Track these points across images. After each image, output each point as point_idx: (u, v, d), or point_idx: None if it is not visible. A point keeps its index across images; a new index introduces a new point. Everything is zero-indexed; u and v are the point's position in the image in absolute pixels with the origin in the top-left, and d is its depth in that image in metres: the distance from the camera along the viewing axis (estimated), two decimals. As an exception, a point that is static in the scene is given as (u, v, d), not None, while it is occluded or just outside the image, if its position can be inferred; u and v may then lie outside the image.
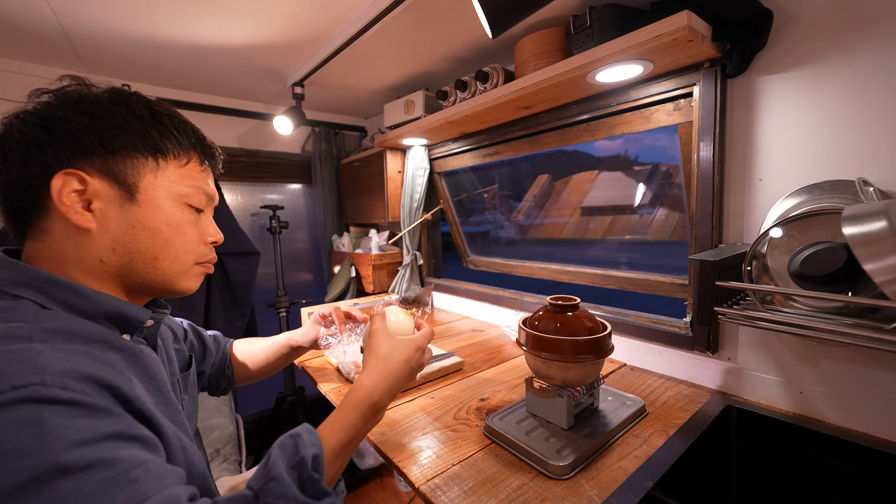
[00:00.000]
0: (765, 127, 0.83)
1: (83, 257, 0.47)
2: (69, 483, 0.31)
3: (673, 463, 0.67)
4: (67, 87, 0.48)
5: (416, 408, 0.89)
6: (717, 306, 0.73)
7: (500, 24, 0.75)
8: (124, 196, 0.48)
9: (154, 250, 0.50)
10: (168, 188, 0.51)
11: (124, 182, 0.48)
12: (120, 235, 0.48)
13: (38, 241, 0.47)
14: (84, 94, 0.47)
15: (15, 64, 1.42)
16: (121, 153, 0.47)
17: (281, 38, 1.27)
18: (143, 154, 0.49)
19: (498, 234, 1.89)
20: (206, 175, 0.56)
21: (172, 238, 0.52)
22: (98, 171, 0.46)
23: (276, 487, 0.43)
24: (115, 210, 0.47)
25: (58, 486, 0.31)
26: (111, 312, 0.48)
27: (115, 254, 0.48)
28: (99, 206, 0.47)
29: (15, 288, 0.43)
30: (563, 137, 1.25)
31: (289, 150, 2.13)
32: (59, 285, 0.45)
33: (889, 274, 0.50)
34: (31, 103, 0.47)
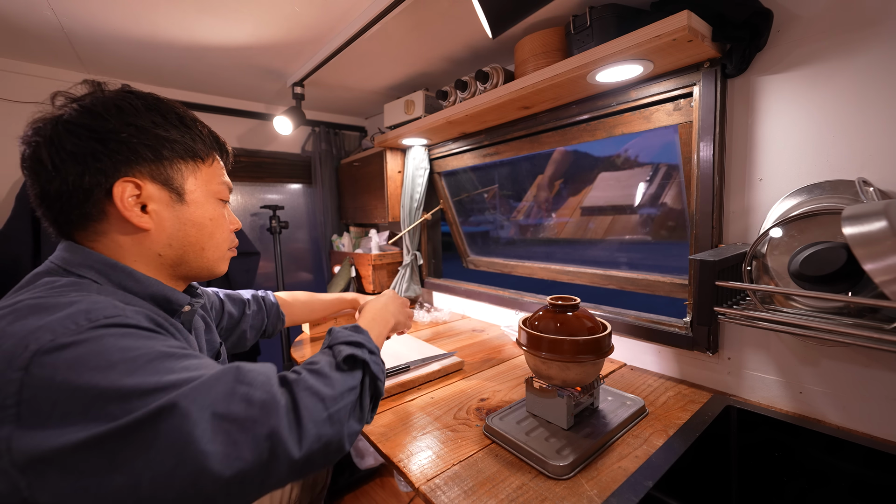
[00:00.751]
0: (765, 127, 0.83)
1: (143, 253, 0.54)
2: (165, 362, 0.43)
3: (673, 463, 0.67)
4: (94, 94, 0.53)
5: (416, 408, 0.89)
6: (717, 306, 0.73)
7: (500, 24, 0.75)
8: (174, 198, 0.55)
9: (202, 242, 0.59)
10: (205, 187, 0.59)
11: (173, 185, 0.55)
12: (174, 232, 0.56)
13: (91, 241, 0.52)
14: (122, 104, 0.52)
15: (15, 64, 1.42)
16: (168, 159, 0.54)
17: (281, 38, 1.27)
18: (184, 159, 0.56)
19: (498, 234, 1.89)
20: (224, 171, 0.64)
21: (214, 230, 0.60)
22: (150, 176, 0.53)
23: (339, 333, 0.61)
24: (168, 211, 0.55)
25: (158, 364, 0.42)
26: (157, 295, 0.54)
27: (172, 248, 0.56)
28: (154, 207, 0.53)
29: (79, 269, 0.50)
30: (563, 137, 1.25)
31: (289, 150, 2.13)
32: (115, 268, 0.52)
33: (889, 274, 0.50)
34: (64, 111, 0.51)
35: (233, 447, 0.40)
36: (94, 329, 0.41)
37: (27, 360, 0.38)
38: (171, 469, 0.38)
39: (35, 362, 0.38)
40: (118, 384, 0.39)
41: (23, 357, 0.38)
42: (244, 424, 0.42)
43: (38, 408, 0.37)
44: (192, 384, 0.41)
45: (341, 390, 0.52)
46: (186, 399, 0.40)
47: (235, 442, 0.41)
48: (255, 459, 0.41)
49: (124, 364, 0.40)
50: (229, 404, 0.42)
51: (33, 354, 0.38)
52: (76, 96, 0.53)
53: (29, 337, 0.39)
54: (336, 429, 0.49)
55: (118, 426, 0.37)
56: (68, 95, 0.53)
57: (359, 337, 0.61)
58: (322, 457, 0.48)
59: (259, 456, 0.42)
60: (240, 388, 0.44)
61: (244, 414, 0.42)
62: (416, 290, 1.86)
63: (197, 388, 0.41)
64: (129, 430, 0.38)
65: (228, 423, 0.41)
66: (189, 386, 0.41)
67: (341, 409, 0.51)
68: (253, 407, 0.43)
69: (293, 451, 0.44)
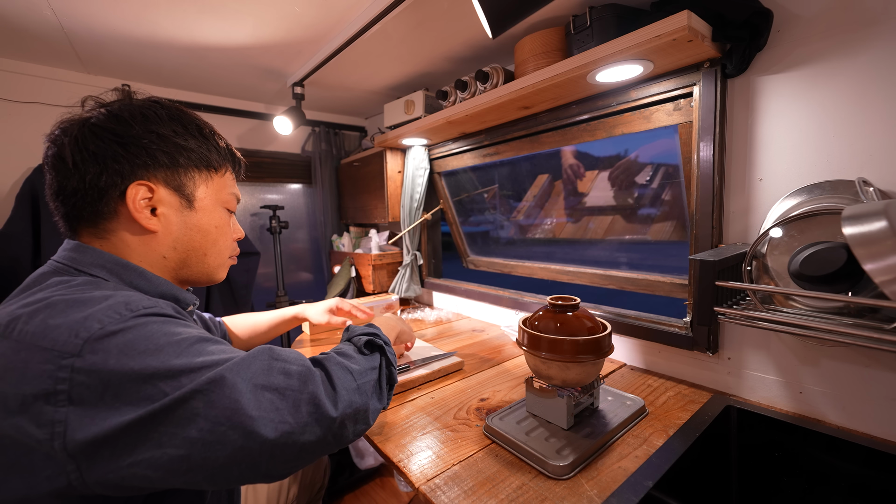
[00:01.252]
0: (765, 127, 0.83)
1: (148, 253, 0.56)
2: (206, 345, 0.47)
3: (673, 463, 0.67)
4: (123, 101, 0.57)
5: (416, 408, 0.89)
6: (717, 306, 0.73)
7: (500, 24, 0.75)
8: (184, 204, 0.58)
9: (205, 248, 0.61)
10: (215, 196, 0.62)
11: (184, 192, 0.58)
12: (180, 236, 0.58)
13: (100, 238, 0.54)
14: (148, 112, 0.56)
15: (15, 64, 1.42)
16: (183, 167, 0.57)
17: (281, 38, 1.27)
18: (198, 168, 0.59)
19: (498, 234, 1.89)
20: (234, 182, 0.67)
21: (218, 238, 0.63)
22: (163, 181, 0.56)
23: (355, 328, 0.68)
24: (177, 215, 0.58)
25: (200, 346, 0.46)
26: (167, 294, 0.57)
27: (176, 251, 0.58)
28: (163, 211, 0.56)
29: (91, 268, 0.52)
30: (563, 137, 1.25)
31: (289, 150, 2.13)
32: (127, 268, 0.54)
33: (889, 274, 0.50)
34: (92, 114, 0.54)
35: (276, 412, 0.45)
36: (138, 318, 0.44)
37: (79, 346, 0.40)
38: (221, 434, 0.41)
39: (87, 348, 0.40)
40: (168, 364, 0.42)
41: (74, 344, 0.40)
42: (284, 392, 0.47)
43: (93, 392, 0.40)
44: (234, 360, 0.46)
45: (366, 367, 0.58)
46: (231, 372, 0.44)
47: (278, 408, 0.45)
48: (297, 422, 0.46)
49: (171, 347, 0.43)
50: (269, 377, 0.47)
51: (84, 342, 0.40)
52: (105, 101, 0.56)
53: (77, 326, 0.41)
54: (363, 399, 0.54)
55: (172, 400, 0.40)
56: (98, 100, 0.57)
57: (374, 329, 0.68)
58: (352, 423, 0.52)
59: (301, 419, 0.46)
60: (276, 364, 0.48)
61: (284, 384, 0.47)
62: (416, 290, 1.86)
63: (239, 364, 0.46)
64: (181, 403, 0.41)
65: (271, 392, 0.46)
66: (232, 361, 0.45)
67: (367, 382, 0.57)
68: (291, 378, 0.48)
69: (331, 411, 0.49)
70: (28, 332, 0.42)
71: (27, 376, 0.40)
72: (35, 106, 1.47)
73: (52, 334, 0.41)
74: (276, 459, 0.45)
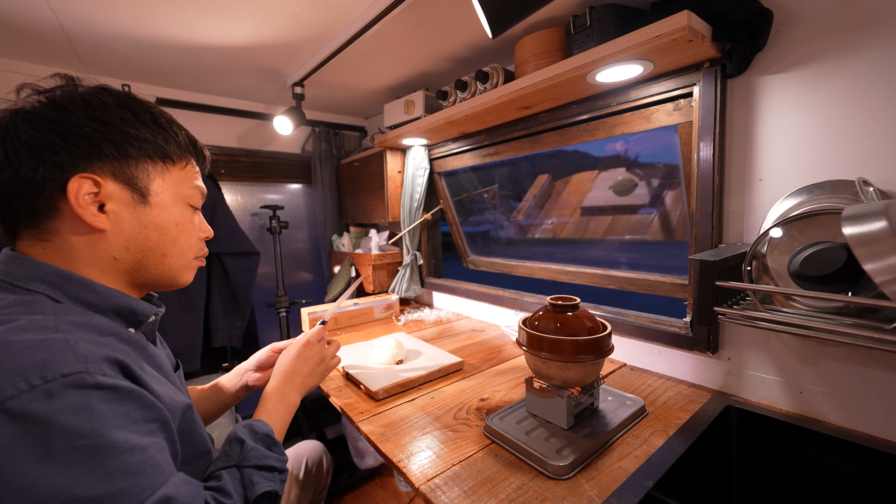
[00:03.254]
0: (765, 127, 0.83)
1: (97, 255, 0.50)
2: (117, 460, 0.37)
3: (673, 463, 0.67)
4: (65, 88, 0.49)
5: (416, 408, 0.89)
6: (717, 306, 0.73)
7: (500, 24, 0.75)
8: (137, 199, 0.51)
9: (163, 248, 0.54)
10: (174, 190, 0.55)
11: (136, 185, 0.51)
12: (133, 235, 0.51)
13: (42, 240, 0.48)
14: (91, 98, 0.49)
15: (15, 64, 1.42)
16: (133, 158, 0.50)
17: (281, 38, 1.27)
18: (152, 159, 0.52)
19: (498, 234, 1.89)
20: (199, 175, 0.60)
21: (179, 236, 0.56)
22: (111, 174, 0.49)
23: (253, 453, 0.54)
24: (129, 212, 0.50)
25: (108, 462, 0.37)
26: (120, 307, 0.51)
27: (129, 252, 0.51)
28: (112, 207, 0.49)
29: (29, 283, 0.45)
30: (563, 137, 1.25)
31: (289, 150, 2.13)
32: (71, 280, 0.47)
33: (889, 274, 0.50)
34: (27, 102, 0.47)
35: None
36: (46, 397, 0.36)
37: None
38: None
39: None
40: (47, 483, 0.34)
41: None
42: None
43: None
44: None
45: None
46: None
47: None
48: None
49: (63, 455, 0.35)
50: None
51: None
52: (43, 88, 0.49)
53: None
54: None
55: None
56: (35, 87, 0.49)
57: (272, 456, 0.56)
58: None
59: None
60: None
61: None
62: (416, 290, 1.86)
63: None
64: None
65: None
66: None
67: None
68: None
69: None
70: None
71: None
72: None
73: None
74: None
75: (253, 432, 0.58)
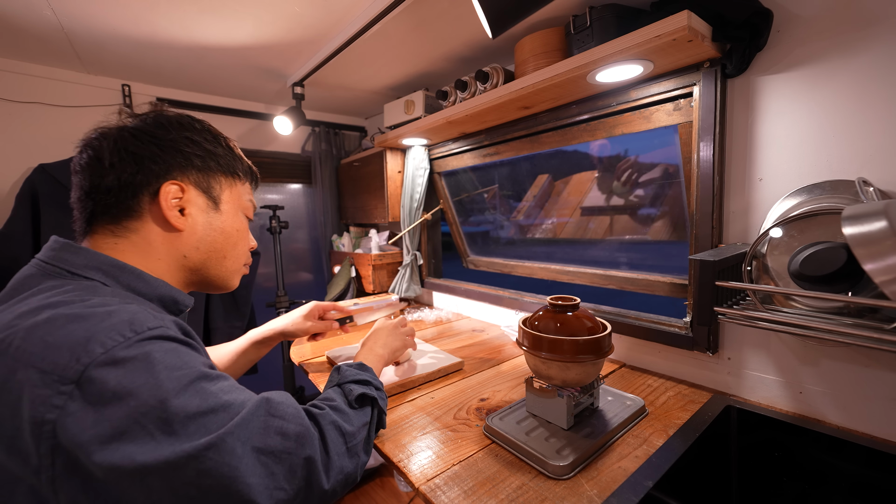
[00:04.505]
0: (765, 127, 0.83)
1: (170, 252, 0.57)
2: (206, 384, 0.44)
3: (673, 463, 0.67)
4: (158, 111, 0.60)
5: (416, 408, 0.89)
6: (717, 306, 0.73)
7: (500, 24, 0.75)
8: (210, 205, 0.61)
9: (225, 250, 0.63)
10: (237, 201, 0.65)
11: (211, 194, 0.61)
12: (203, 236, 0.60)
13: (117, 236, 0.55)
14: (182, 121, 0.59)
15: (15, 64, 1.42)
16: (212, 171, 0.61)
17: (281, 38, 1.27)
18: (224, 174, 0.63)
19: (498, 234, 1.89)
20: (252, 193, 0.71)
21: (238, 241, 0.66)
22: (193, 183, 0.58)
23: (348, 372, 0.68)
24: (203, 216, 0.60)
25: (207, 386, 0.44)
26: (165, 296, 0.57)
27: (198, 252, 0.60)
28: (191, 211, 0.58)
29: (85, 270, 0.50)
30: (563, 137, 1.25)
31: (289, 150, 2.13)
32: (124, 270, 0.53)
33: (889, 274, 0.50)
34: (128, 122, 0.57)
35: (271, 478, 0.43)
36: (141, 342, 0.42)
37: (79, 372, 0.38)
38: (214, 501, 0.40)
39: (86, 376, 0.38)
40: (166, 405, 0.40)
41: (74, 370, 0.38)
42: (280, 456, 0.45)
43: (84, 425, 0.37)
44: (234, 419, 0.44)
45: (358, 426, 0.58)
46: (231, 436, 0.42)
47: (273, 473, 0.44)
48: (292, 489, 0.45)
49: (172, 382, 0.41)
50: (266, 438, 0.45)
51: (85, 368, 0.39)
52: (141, 113, 0.60)
53: (78, 350, 0.39)
54: (353, 462, 0.55)
55: (165, 461, 0.38)
56: (132, 112, 0.61)
57: (366, 375, 0.68)
58: (342, 489, 0.52)
59: (296, 485, 0.45)
60: (273, 422, 0.47)
61: (281, 446, 0.46)
62: (416, 290, 1.86)
63: (239, 425, 0.43)
64: (175, 466, 0.39)
65: (266, 456, 0.44)
66: (232, 422, 0.43)
67: (358, 443, 0.57)
68: (288, 439, 0.47)
69: (324, 482, 0.48)
70: (26, 350, 0.39)
71: (23, 399, 0.38)
72: (35, 106, 1.47)
73: (52, 356, 0.39)
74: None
75: (346, 364, 0.71)
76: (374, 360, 0.85)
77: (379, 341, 0.92)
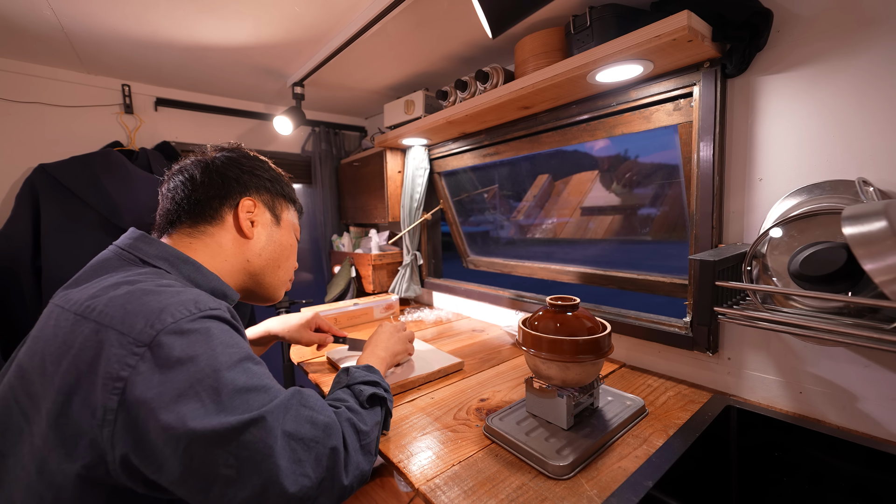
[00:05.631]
0: (765, 127, 0.83)
1: (236, 255, 0.67)
2: (252, 365, 0.50)
3: (673, 463, 0.67)
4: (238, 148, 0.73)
5: (416, 408, 0.89)
6: (717, 306, 0.73)
7: (500, 24, 0.75)
8: (274, 221, 0.73)
9: (280, 261, 0.74)
10: (291, 221, 0.78)
11: (276, 212, 0.74)
12: (265, 246, 0.71)
13: (192, 237, 0.64)
14: (257, 156, 0.74)
15: (15, 64, 1.42)
16: (278, 194, 0.74)
17: (281, 38, 1.27)
18: (285, 198, 0.76)
19: (498, 234, 1.89)
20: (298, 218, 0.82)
21: (290, 255, 0.77)
22: (262, 202, 0.71)
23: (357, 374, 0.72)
24: (266, 229, 0.71)
25: (248, 365, 0.49)
26: (217, 289, 0.63)
27: (260, 258, 0.70)
28: (258, 224, 0.70)
29: (155, 259, 0.58)
30: (563, 137, 1.25)
31: (289, 150, 2.13)
32: (186, 262, 0.60)
33: (889, 274, 0.50)
34: (215, 152, 0.71)
35: (298, 465, 0.46)
36: (204, 319, 0.48)
37: (152, 337, 0.44)
38: (246, 477, 0.42)
39: (156, 341, 0.44)
40: (219, 376, 0.45)
41: (148, 334, 0.44)
42: (309, 444, 0.48)
43: (150, 385, 0.42)
44: (273, 401, 0.47)
45: (371, 425, 0.61)
46: (272, 416, 0.46)
47: (301, 460, 0.46)
48: (316, 477, 0.47)
49: (225, 356, 0.47)
50: (298, 425, 0.48)
51: (158, 333, 0.44)
52: (225, 146, 0.73)
53: (153, 318, 0.45)
54: (368, 460, 0.57)
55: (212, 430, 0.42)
56: (217, 147, 0.73)
57: (374, 377, 0.71)
58: (357, 486, 0.54)
59: (320, 474, 0.48)
60: (304, 411, 0.50)
61: (310, 434, 0.49)
62: (416, 290, 1.85)
63: (279, 407, 0.47)
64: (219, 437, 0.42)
65: (296, 442, 0.47)
66: (273, 403, 0.47)
67: (371, 441, 0.59)
68: (317, 428, 0.50)
69: (343, 477, 0.51)
70: (108, 314, 0.45)
71: (101, 357, 0.43)
72: (35, 106, 1.47)
73: (130, 320, 0.45)
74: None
75: (354, 367, 0.75)
76: (377, 362, 0.87)
77: (381, 344, 0.96)
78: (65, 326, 0.47)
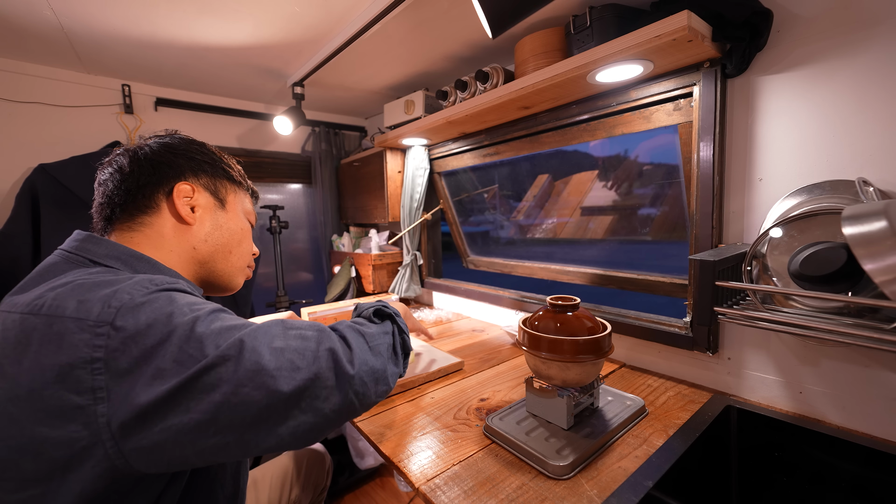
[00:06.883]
0: (765, 127, 0.83)
1: (180, 244, 0.63)
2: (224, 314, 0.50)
3: (673, 463, 0.67)
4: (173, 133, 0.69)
5: (416, 408, 0.89)
6: (717, 306, 0.73)
7: (500, 24, 0.75)
8: (217, 205, 0.68)
9: (230, 246, 0.69)
10: (241, 204, 0.73)
11: (218, 196, 0.69)
12: (211, 231, 0.66)
13: (132, 230, 0.61)
14: (193, 140, 0.69)
15: (15, 64, 1.42)
16: (218, 176, 0.69)
17: (281, 38, 1.27)
18: (230, 181, 0.71)
19: (498, 234, 1.89)
20: (251, 201, 0.78)
21: (242, 239, 0.72)
22: (202, 186, 0.66)
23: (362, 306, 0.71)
24: (210, 214, 0.67)
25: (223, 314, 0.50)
26: None
27: (206, 244, 0.65)
28: (199, 209, 0.65)
29: (106, 259, 0.56)
30: (563, 137, 1.25)
31: (289, 150, 2.13)
32: (141, 259, 0.58)
33: (889, 274, 0.50)
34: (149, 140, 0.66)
35: (295, 370, 0.47)
36: (161, 291, 0.48)
37: (112, 315, 0.43)
38: (245, 396, 0.43)
39: (119, 317, 0.43)
40: (193, 329, 0.45)
41: (107, 313, 0.43)
42: (303, 352, 0.49)
43: (128, 358, 0.42)
44: (251, 327, 0.49)
45: (378, 332, 0.61)
46: (250, 337, 0.47)
47: (297, 365, 0.47)
48: (316, 372, 0.48)
49: (192, 313, 0.46)
50: (286, 340, 0.49)
51: (117, 310, 0.43)
52: (158, 133, 0.69)
53: (108, 298, 0.44)
54: (380, 360, 0.57)
55: (198, 369, 0.42)
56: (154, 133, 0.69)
57: (382, 302, 0.72)
58: (373, 384, 0.54)
59: (319, 370, 0.48)
60: (291, 331, 0.51)
61: (302, 345, 0.50)
62: (416, 290, 1.86)
63: (256, 330, 0.48)
64: (207, 370, 0.43)
65: (290, 353, 0.48)
66: (249, 328, 0.48)
67: (381, 344, 0.59)
68: (308, 339, 0.51)
69: (348, 368, 0.51)
70: (58, 306, 0.44)
71: (63, 347, 0.42)
72: (35, 106, 1.47)
73: (85, 307, 0.44)
74: (304, 411, 0.46)
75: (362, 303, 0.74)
76: None
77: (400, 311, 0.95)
78: (13, 327, 0.45)
